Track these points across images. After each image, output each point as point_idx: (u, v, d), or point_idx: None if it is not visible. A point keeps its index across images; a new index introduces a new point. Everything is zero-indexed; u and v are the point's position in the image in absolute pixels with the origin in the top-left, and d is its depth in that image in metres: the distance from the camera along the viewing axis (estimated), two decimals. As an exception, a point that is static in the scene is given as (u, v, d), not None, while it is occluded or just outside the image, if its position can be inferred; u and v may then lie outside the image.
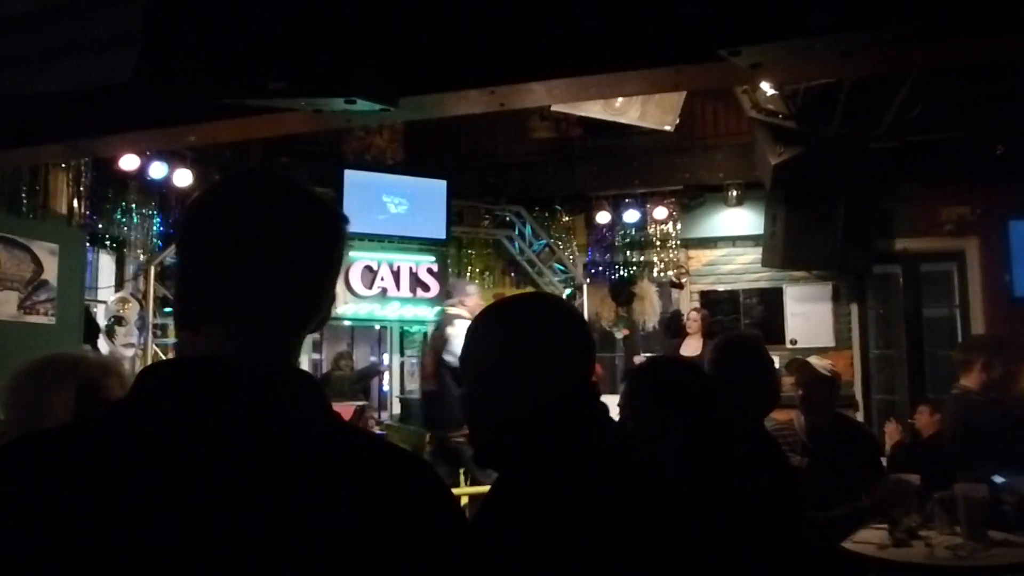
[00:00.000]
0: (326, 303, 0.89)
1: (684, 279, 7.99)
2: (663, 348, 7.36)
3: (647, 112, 6.74)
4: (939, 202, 7.03)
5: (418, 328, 8.49)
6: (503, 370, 1.20)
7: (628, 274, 8.13)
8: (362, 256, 7.59)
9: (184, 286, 0.84)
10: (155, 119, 2.77)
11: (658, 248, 8.00)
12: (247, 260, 0.83)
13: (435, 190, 7.74)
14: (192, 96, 2.48)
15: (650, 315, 8.03)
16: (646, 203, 7.95)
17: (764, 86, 5.84)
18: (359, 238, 7.53)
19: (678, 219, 7.94)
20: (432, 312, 8.01)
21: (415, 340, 8.65)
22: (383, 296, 7.68)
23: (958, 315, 7.27)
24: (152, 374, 0.81)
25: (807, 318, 7.56)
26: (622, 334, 7.94)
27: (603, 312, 8.05)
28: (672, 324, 7.57)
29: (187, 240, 0.86)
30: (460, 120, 7.28)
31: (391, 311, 7.79)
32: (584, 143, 7.96)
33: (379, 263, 7.67)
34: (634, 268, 8.11)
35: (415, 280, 7.82)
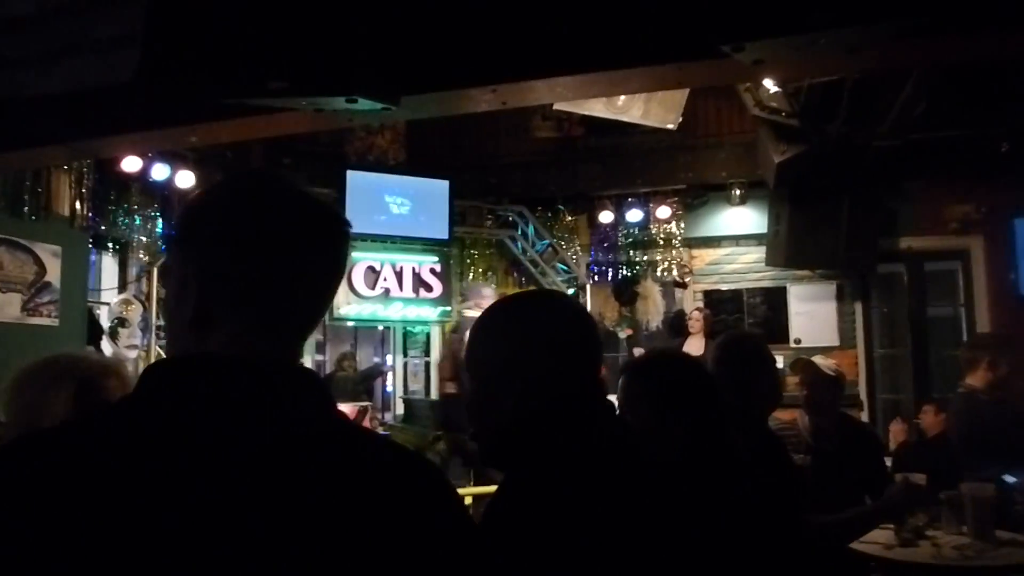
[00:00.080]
0: (329, 305, 0.90)
1: (687, 278, 7.98)
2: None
3: (650, 110, 6.72)
4: (943, 200, 7.01)
5: (421, 328, 8.49)
6: (509, 368, 1.19)
7: (631, 274, 8.12)
8: (365, 256, 7.59)
9: (187, 286, 0.83)
10: (156, 120, 2.76)
11: (661, 247, 7.99)
12: (254, 260, 0.82)
13: (437, 190, 7.74)
14: (193, 96, 2.47)
15: (653, 315, 8.02)
16: (649, 202, 7.94)
17: (767, 83, 5.83)
18: (362, 239, 7.53)
19: (681, 218, 7.93)
20: (435, 312, 8.01)
21: (418, 341, 8.65)
22: (386, 296, 7.69)
23: (963, 314, 7.25)
24: (158, 371, 0.80)
25: (811, 317, 7.54)
26: (625, 334, 7.93)
27: (606, 312, 8.04)
28: (675, 324, 7.56)
29: (189, 239, 0.86)
30: (462, 120, 7.28)
31: (394, 311, 7.80)
32: (586, 143, 7.95)
33: (382, 263, 7.68)
34: (637, 268, 8.10)
35: (418, 280, 7.83)
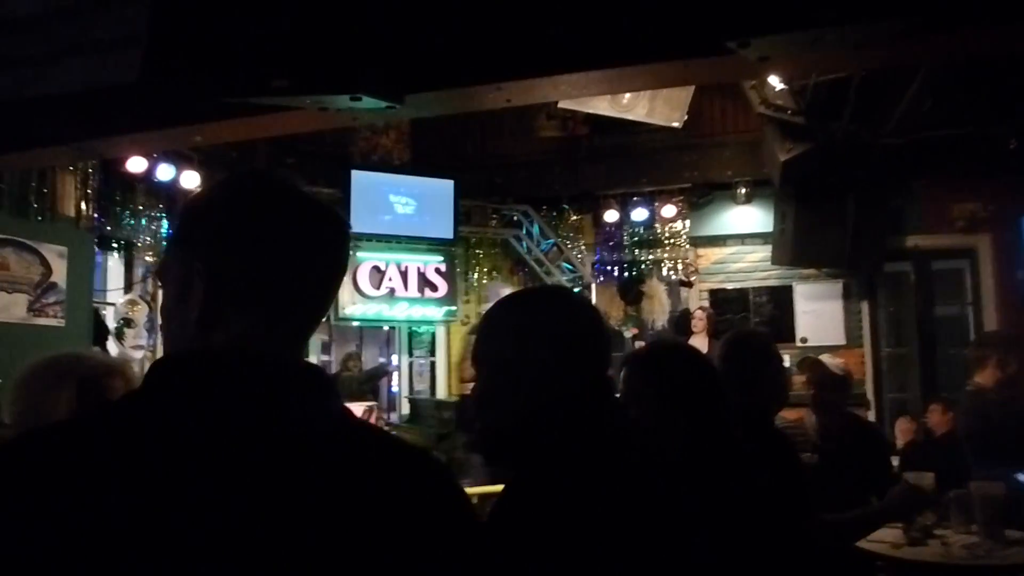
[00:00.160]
0: (331, 302, 0.91)
1: (693, 277, 7.95)
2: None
3: (655, 108, 6.70)
4: (950, 199, 6.96)
5: (426, 328, 8.49)
6: (516, 364, 1.17)
7: (637, 273, 8.11)
8: (370, 256, 7.59)
9: (191, 285, 0.83)
10: (161, 120, 2.77)
11: (667, 247, 7.97)
12: (261, 258, 0.83)
13: (442, 190, 7.73)
14: (197, 96, 2.47)
15: (659, 314, 8.00)
16: (654, 201, 7.92)
17: (773, 81, 5.81)
18: (366, 238, 7.53)
19: (686, 217, 7.90)
20: (440, 312, 8.00)
21: (423, 341, 8.64)
22: (391, 296, 7.68)
23: (970, 313, 7.21)
24: (164, 366, 0.81)
25: (817, 316, 7.51)
26: (631, 333, 7.91)
27: (612, 311, 8.02)
28: (681, 323, 7.54)
29: (192, 239, 0.86)
30: (467, 120, 7.30)
31: (399, 311, 7.79)
32: (591, 142, 7.93)
33: (387, 263, 7.67)
34: (643, 267, 8.08)
35: (423, 280, 7.82)
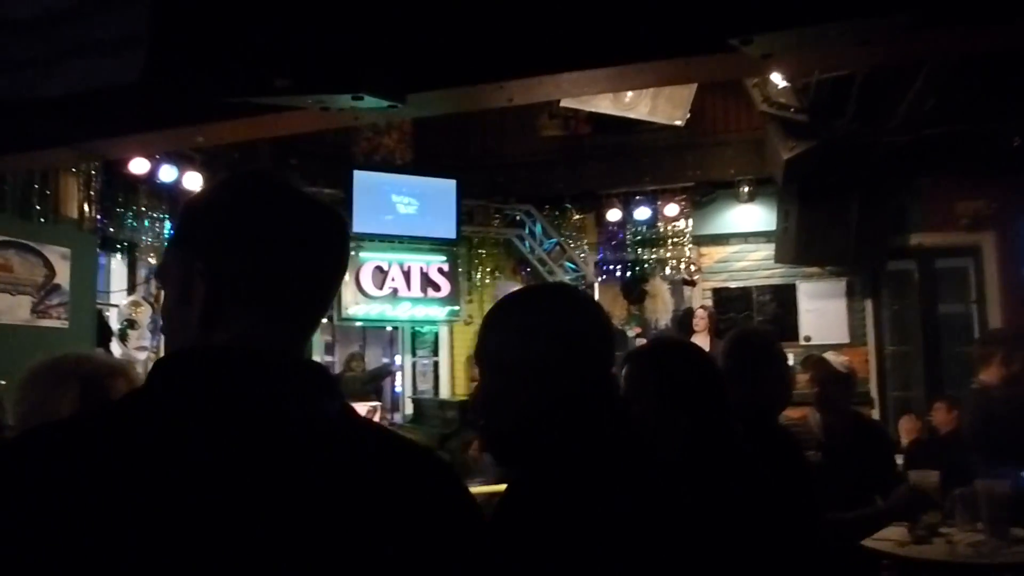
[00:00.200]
0: (332, 300, 0.91)
1: (696, 276, 7.94)
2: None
3: (657, 107, 6.69)
4: (954, 196, 6.94)
5: (429, 328, 8.48)
6: (520, 363, 1.16)
7: (640, 272, 8.09)
8: (372, 257, 7.59)
9: (192, 285, 0.83)
10: (163, 120, 2.77)
11: (670, 245, 7.96)
12: (262, 257, 0.83)
13: (445, 190, 7.73)
14: (199, 96, 2.46)
15: (662, 313, 7.99)
16: (657, 200, 7.90)
17: (776, 79, 5.78)
18: (369, 239, 7.53)
19: (689, 216, 7.89)
20: (443, 312, 8.00)
21: (427, 340, 8.64)
22: (394, 296, 7.68)
23: (975, 311, 7.19)
24: (168, 363, 0.81)
25: (821, 314, 7.49)
26: (634, 332, 7.90)
27: (615, 310, 8.01)
28: (684, 322, 7.53)
29: (193, 239, 0.86)
30: (469, 119, 7.28)
31: (402, 311, 7.79)
32: (593, 141, 7.92)
33: (389, 263, 7.67)
34: (646, 266, 8.07)
35: (426, 280, 7.82)
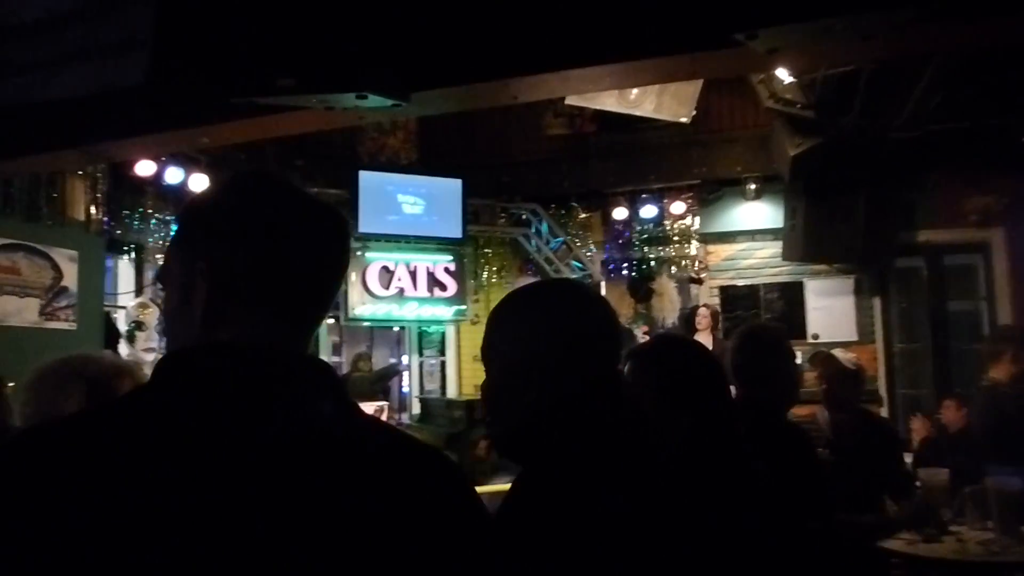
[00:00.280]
0: (334, 298, 0.91)
1: (703, 274, 7.92)
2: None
3: (663, 104, 6.66)
4: (963, 192, 6.89)
5: (436, 328, 8.48)
6: (525, 360, 1.16)
7: (646, 270, 8.08)
8: (379, 257, 7.59)
9: (194, 286, 0.83)
10: (168, 121, 2.77)
11: (676, 244, 7.94)
12: (263, 257, 0.83)
13: (450, 189, 7.73)
14: (203, 97, 2.47)
15: (669, 311, 7.97)
16: (663, 198, 7.88)
17: (782, 75, 5.76)
18: (375, 239, 7.54)
19: (696, 214, 7.86)
20: (450, 312, 8.00)
21: (433, 340, 8.65)
22: (400, 296, 7.69)
23: (984, 308, 7.14)
24: (172, 360, 0.81)
25: (829, 312, 7.46)
26: (642, 331, 7.89)
27: (622, 309, 8.00)
28: (691, 320, 7.50)
29: (194, 239, 0.86)
30: (474, 119, 7.28)
31: (409, 311, 7.80)
32: (599, 139, 7.90)
33: (396, 263, 7.68)
34: (652, 264, 8.05)
35: (432, 280, 7.82)
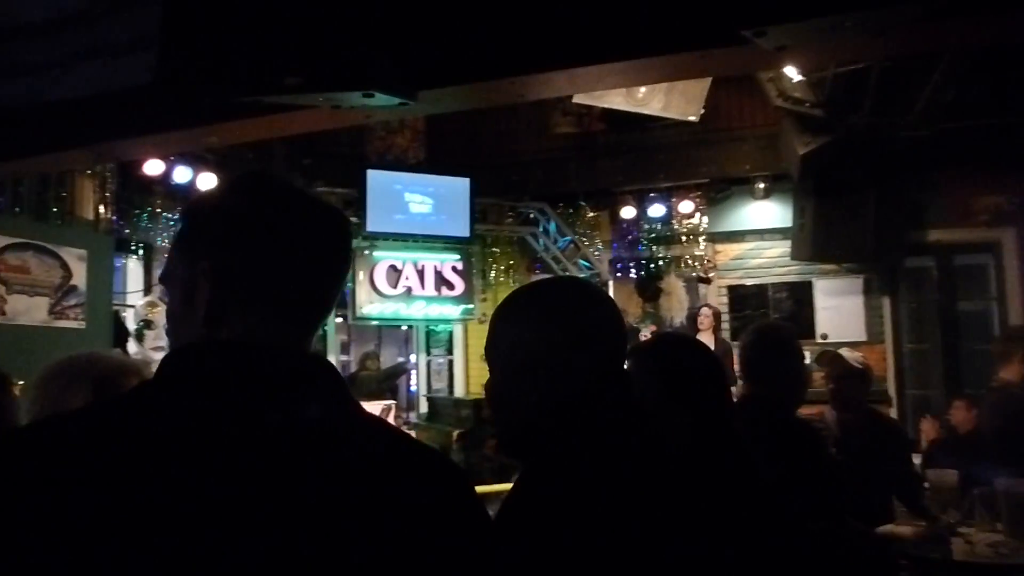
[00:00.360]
0: (337, 297, 0.91)
1: (711, 273, 7.90)
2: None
3: (671, 102, 6.64)
4: (973, 191, 6.86)
5: (444, 327, 8.49)
6: (528, 359, 1.15)
7: (654, 269, 8.06)
8: (386, 256, 7.60)
9: (196, 286, 0.83)
10: (175, 121, 2.77)
11: (684, 243, 7.92)
12: (264, 256, 0.83)
13: (458, 188, 7.73)
14: (210, 96, 2.47)
15: (677, 311, 7.95)
16: (671, 197, 7.87)
17: (791, 73, 5.73)
18: (383, 238, 7.55)
19: (704, 213, 7.84)
20: (457, 311, 8.01)
21: (441, 339, 8.66)
22: (408, 295, 7.69)
23: (995, 308, 7.10)
24: (175, 357, 0.82)
25: (838, 312, 7.43)
26: (649, 330, 7.87)
27: (629, 308, 7.98)
28: (696, 320, 7.48)
29: (196, 240, 0.86)
30: (482, 118, 7.27)
31: (416, 310, 7.81)
32: (607, 138, 7.89)
33: (403, 262, 7.69)
34: (660, 263, 8.04)
35: (440, 279, 7.83)
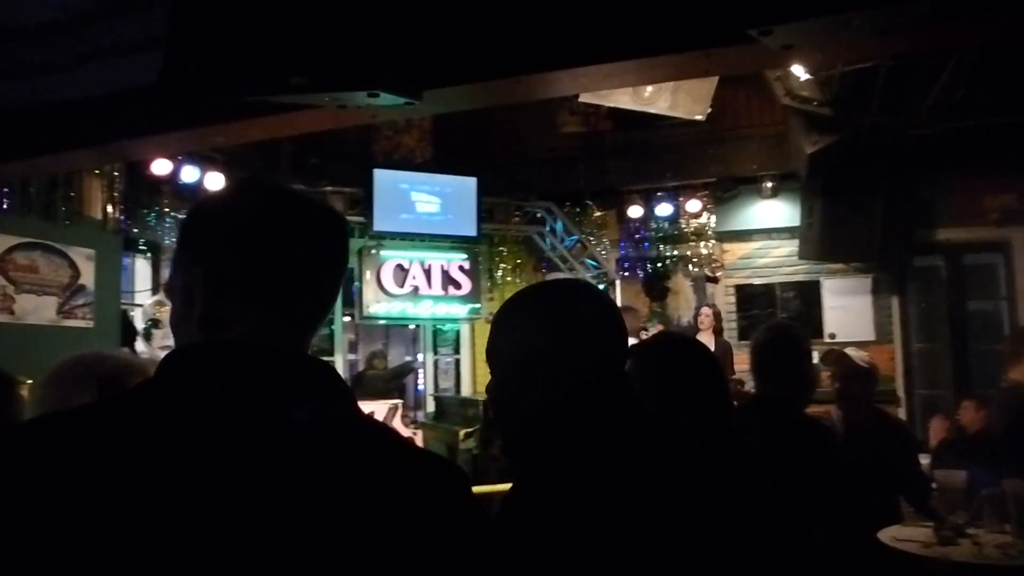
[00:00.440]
0: (334, 299, 0.92)
1: (719, 273, 7.88)
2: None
3: (677, 101, 6.62)
4: (983, 190, 6.82)
5: (451, 326, 8.50)
6: (529, 361, 1.15)
7: (661, 269, 8.04)
8: (393, 255, 7.61)
9: (193, 292, 0.84)
10: (182, 120, 2.78)
11: (692, 242, 7.90)
12: (257, 261, 0.84)
13: (465, 187, 7.73)
14: (217, 96, 2.47)
15: (684, 310, 7.93)
16: (678, 196, 7.85)
17: (798, 71, 5.71)
18: (390, 237, 7.56)
19: (712, 212, 7.83)
20: (465, 310, 8.01)
21: (448, 338, 8.66)
22: (415, 294, 7.70)
23: (1004, 308, 7.06)
24: (175, 357, 0.82)
25: (846, 311, 7.41)
26: (656, 330, 7.86)
27: (637, 307, 7.97)
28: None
29: (191, 248, 0.87)
30: (489, 117, 7.27)
31: (423, 309, 7.81)
32: (614, 137, 7.88)
33: (410, 262, 7.69)
34: (667, 263, 8.03)
35: (447, 278, 7.83)
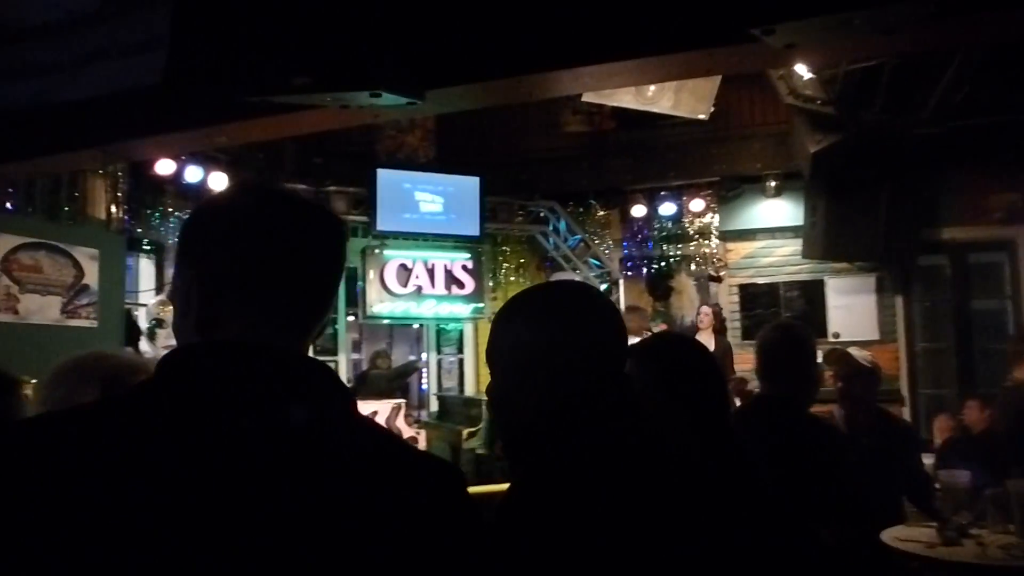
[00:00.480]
0: (332, 301, 0.93)
1: (722, 272, 7.87)
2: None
3: (680, 101, 6.61)
4: (987, 189, 6.81)
5: (454, 326, 8.50)
6: (530, 363, 1.15)
7: (665, 268, 8.03)
8: (396, 254, 7.62)
9: (190, 294, 0.85)
10: (185, 120, 2.78)
11: (695, 241, 7.89)
12: (251, 264, 0.85)
13: (468, 187, 7.74)
14: (219, 96, 2.48)
15: (688, 309, 7.93)
16: (682, 196, 7.84)
17: (801, 70, 5.70)
18: (393, 237, 7.56)
19: (715, 211, 7.81)
20: (468, 309, 8.02)
21: (451, 338, 8.67)
22: (418, 294, 7.71)
23: (1009, 307, 7.04)
24: (173, 357, 0.82)
25: (850, 311, 7.39)
26: (660, 329, 7.85)
27: (642, 307, 7.97)
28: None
29: (189, 252, 0.88)
30: (492, 116, 7.27)
31: (427, 309, 7.82)
32: (617, 136, 7.88)
33: (414, 261, 7.70)
34: (671, 262, 8.02)
35: (450, 277, 7.84)
